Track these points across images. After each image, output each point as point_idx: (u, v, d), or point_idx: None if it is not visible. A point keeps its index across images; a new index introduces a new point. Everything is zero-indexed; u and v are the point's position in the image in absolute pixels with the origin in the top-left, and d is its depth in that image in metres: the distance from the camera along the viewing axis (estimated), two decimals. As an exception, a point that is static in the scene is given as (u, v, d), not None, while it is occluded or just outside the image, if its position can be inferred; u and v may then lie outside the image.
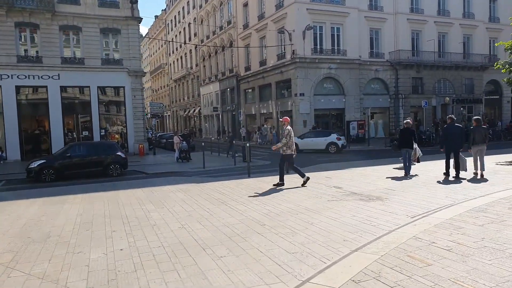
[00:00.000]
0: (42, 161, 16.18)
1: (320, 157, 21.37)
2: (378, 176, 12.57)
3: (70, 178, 16.02)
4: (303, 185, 11.00)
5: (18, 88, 23.96)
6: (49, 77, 24.30)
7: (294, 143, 11.55)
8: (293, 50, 29.81)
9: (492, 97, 37.20)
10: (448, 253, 4.95)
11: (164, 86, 68.43)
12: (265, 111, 35.52)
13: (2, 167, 20.68)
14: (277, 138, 31.56)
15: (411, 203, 8.15)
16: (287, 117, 12.23)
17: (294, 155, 11.49)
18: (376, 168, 14.78)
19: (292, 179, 11.80)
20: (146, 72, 28.24)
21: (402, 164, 12.94)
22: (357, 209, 7.77)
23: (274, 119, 33.47)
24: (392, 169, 14.25)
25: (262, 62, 34.96)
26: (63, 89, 24.95)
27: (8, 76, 23.48)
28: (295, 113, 30.22)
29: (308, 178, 11.17)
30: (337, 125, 31.82)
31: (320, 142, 24.33)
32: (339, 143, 24.04)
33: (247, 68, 37.84)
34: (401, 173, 12.74)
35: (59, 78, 24.51)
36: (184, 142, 21.61)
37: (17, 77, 23.65)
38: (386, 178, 12.08)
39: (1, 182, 16.06)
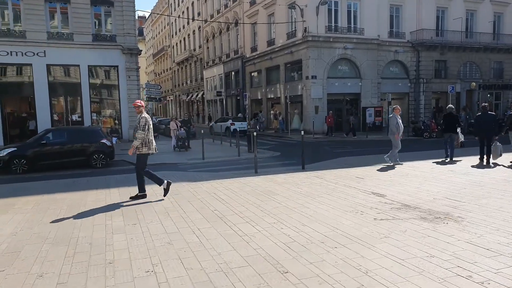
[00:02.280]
0: (12, 149, 13.54)
1: (336, 148, 18.56)
2: (423, 175, 9.80)
3: (45, 170, 13.45)
4: (165, 195, 8.02)
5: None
6: (34, 54, 21.52)
7: (153, 138, 8.10)
8: (305, 28, 26.74)
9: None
10: None
11: (166, 70, 65.46)
12: (272, 96, 32.60)
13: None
14: (284, 126, 28.84)
15: (505, 226, 5.39)
16: (140, 101, 8.30)
17: (152, 154, 8.27)
18: (414, 164, 11.94)
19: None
20: (141, 50, 25.38)
21: (443, 159, 12.57)
22: (426, 238, 5.01)
23: (282, 104, 30.61)
24: (436, 165, 11.47)
25: (270, 42, 31.90)
26: (49, 67, 22.17)
27: (-13, 52, 20.74)
28: (306, 98, 27.32)
29: (169, 184, 8.09)
30: (352, 112, 28.86)
31: (221, 126, 27.89)
32: (232, 127, 25.92)
33: (254, 49, 34.81)
34: (450, 173, 9.95)
35: (45, 55, 21.73)
36: (182, 129, 18.88)
37: (-2, 53, 20.91)
38: (436, 177, 9.31)
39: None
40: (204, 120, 47.31)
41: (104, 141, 14.60)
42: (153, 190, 8.60)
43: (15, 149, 13.57)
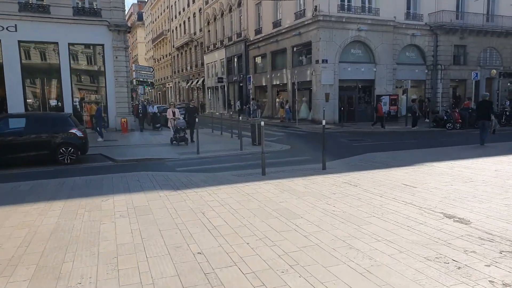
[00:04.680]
0: (-50, 140, 10.59)
1: (354, 141, 15.61)
2: (493, 181, 6.88)
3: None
4: None
5: (-39, 42, 18.18)
6: (3, 28, 18.41)
7: None
8: (315, 6, 23.55)
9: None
10: None
11: (166, 55, 62.07)
12: (278, 82, 29.50)
13: None
14: (291, 115, 25.88)
15: None
16: None
17: None
18: (466, 164, 8.99)
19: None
20: (130, 27, 22.28)
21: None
22: None
23: (289, 91, 27.55)
24: (493, 164, 8.54)
25: (276, 23, 28.70)
26: (22, 44, 19.10)
27: None
28: (315, 84, 24.25)
29: None
30: (365, 100, 25.85)
31: None
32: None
33: (258, 31, 31.60)
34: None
35: (16, 30, 18.61)
36: (181, 118, 15.69)
37: (-40, 26, 17.83)
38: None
39: None
40: (204, 108, 44.27)
41: (74, 131, 11.63)
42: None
43: (-46, 139, 10.63)
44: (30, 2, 19.06)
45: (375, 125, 20.70)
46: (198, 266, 3.65)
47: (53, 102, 20.01)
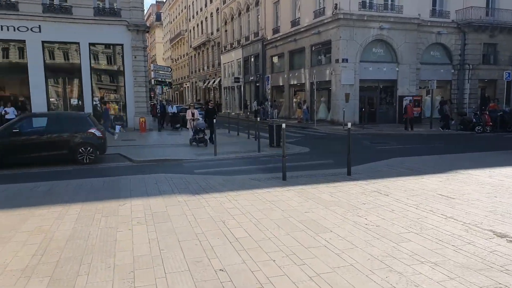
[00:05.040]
0: (-24, 139, 10.60)
1: (377, 144, 15.09)
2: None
3: (18, 165, 10.52)
4: None
5: (-13, 42, 18.41)
6: (28, 28, 18.58)
7: None
8: (336, 4, 23.01)
9: None
10: None
11: (183, 56, 62.26)
12: (295, 82, 29.05)
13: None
14: (309, 115, 25.43)
15: None
16: None
17: None
18: (508, 172, 8.42)
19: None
20: (149, 27, 22.16)
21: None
22: None
23: (306, 91, 27.08)
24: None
25: (294, 22, 28.25)
26: (45, 45, 19.23)
27: (-26, 26, 17.91)
28: (335, 84, 23.73)
29: None
30: (387, 101, 25.17)
31: None
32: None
33: (276, 31, 31.21)
34: None
35: (40, 31, 18.77)
36: (200, 118, 15.27)
37: (-14, 27, 18.05)
38: None
39: None
40: (220, 109, 44.11)
41: (92, 130, 11.51)
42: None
43: (-20, 139, 10.63)
44: (54, 3, 19.16)
45: (408, 128, 19.90)
46: (221, 286, 3.34)
47: (74, 102, 20.11)
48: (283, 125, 8.18)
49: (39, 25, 18.76)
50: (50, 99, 19.77)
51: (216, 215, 5.48)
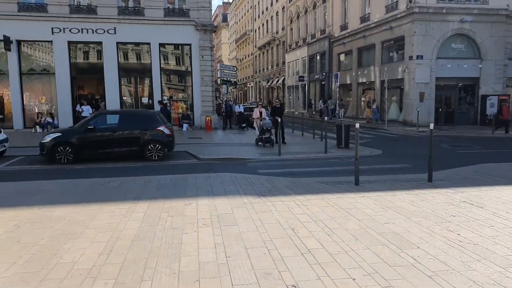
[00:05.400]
0: (57, 135, 11.30)
1: (458, 148, 13.69)
2: None
3: (92, 160, 11.05)
4: None
5: (70, 44, 19.81)
6: (104, 31, 19.73)
7: None
8: (411, -3, 21.51)
9: None
10: None
11: (248, 55, 62.94)
12: (364, 80, 27.75)
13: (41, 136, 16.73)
14: (379, 115, 24.10)
15: None
16: None
17: None
18: None
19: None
20: (216, 27, 22.39)
21: None
22: None
23: (376, 90, 25.71)
24: None
25: (364, 18, 26.97)
26: (119, 45, 20.29)
27: (60, 30, 19.38)
28: (408, 82, 22.19)
29: None
30: (467, 101, 23.01)
31: None
32: None
33: (343, 27, 30.10)
34: None
35: (115, 33, 19.84)
36: (267, 118, 14.79)
37: (70, 30, 19.43)
38: None
39: (16, 157, 11.67)
40: (284, 108, 43.80)
41: (161, 128, 11.76)
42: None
43: (60, 134, 11.32)
44: (128, 6, 20.15)
45: (499, 130, 17.96)
46: (295, 307, 2.94)
47: (144, 100, 20.97)
48: (357, 125, 7.53)
49: (114, 27, 19.81)
50: (123, 98, 20.83)
51: (284, 221, 5.09)
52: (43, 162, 10.87)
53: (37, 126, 18.35)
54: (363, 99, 28.18)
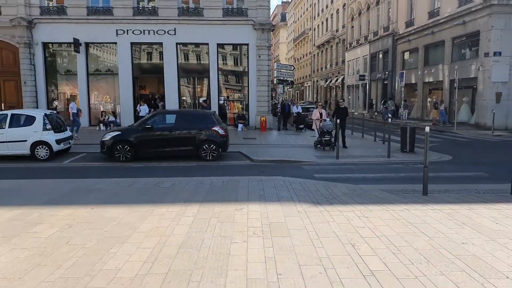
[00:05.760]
0: (116, 133, 11.67)
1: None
2: None
3: (149, 159, 11.27)
4: None
5: (132, 46, 20.62)
6: (165, 32, 20.27)
7: None
8: (488, -12, 19.60)
9: None
10: None
11: (306, 55, 62.03)
12: (431, 79, 25.90)
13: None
14: (447, 117, 22.33)
15: None
16: None
17: None
18: None
19: None
20: (274, 25, 22.07)
21: None
22: None
23: (445, 90, 23.86)
24: None
25: (433, 13, 25.14)
26: (179, 46, 20.74)
27: (124, 32, 20.24)
28: (482, 82, 20.26)
29: None
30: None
31: None
32: None
33: (409, 23, 28.35)
34: None
35: (175, 33, 20.30)
36: (328, 119, 13.98)
37: (132, 32, 20.22)
38: None
39: (80, 154, 12.30)
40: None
41: (216, 128, 11.70)
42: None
43: (119, 133, 11.68)
44: (189, 7, 20.54)
45: None
46: None
47: (202, 100, 21.22)
48: (427, 128, 6.75)
49: (174, 28, 20.26)
50: (182, 98, 21.28)
51: (343, 234, 4.60)
52: (104, 160, 11.27)
53: (101, 124, 19.30)
54: (429, 99, 26.32)
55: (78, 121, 16.58)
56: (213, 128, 11.66)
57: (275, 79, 24.81)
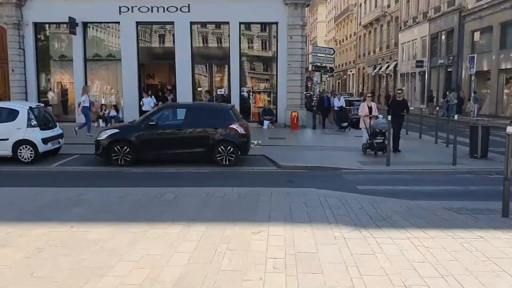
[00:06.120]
0: (114, 131, 11.52)
1: None
2: None
3: (154, 163, 11.08)
4: None
5: (138, 26, 20.61)
6: (177, 9, 20.12)
7: None
8: None
9: None
10: None
11: (350, 36, 61.17)
12: (509, 66, 24.71)
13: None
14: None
15: None
16: None
17: None
18: None
19: None
20: (310, 1, 21.53)
21: None
22: None
23: (527, 79, 22.64)
24: None
25: (512, -19, 24.02)
26: (193, 26, 20.57)
27: (128, 9, 20.21)
28: None
29: None
30: None
31: None
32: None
33: (481, -4, 27.29)
34: None
35: (189, 10, 20.10)
36: (381, 116, 13.09)
37: (139, 9, 20.14)
38: None
39: (71, 156, 12.26)
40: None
41: (234, 126, 11.33)
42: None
43: (117, 131, 11.52)
44: (205, -21, 20.34)
45: None
46: None
47: (220, 91, 20.99)
48: (509, 128, 6.07)
49: (188, 4, 20.02)
50: (198, 89, 21.10)
51: (394, 272, 4.10)
52: (98, 163, 11.18)
53: (100, 120, 19.36)
54: (506, 91, 25.12)
55: (90, 117, 16.67)
56: (230, 126, 11.30)
57: (310, 65, 24.21)
